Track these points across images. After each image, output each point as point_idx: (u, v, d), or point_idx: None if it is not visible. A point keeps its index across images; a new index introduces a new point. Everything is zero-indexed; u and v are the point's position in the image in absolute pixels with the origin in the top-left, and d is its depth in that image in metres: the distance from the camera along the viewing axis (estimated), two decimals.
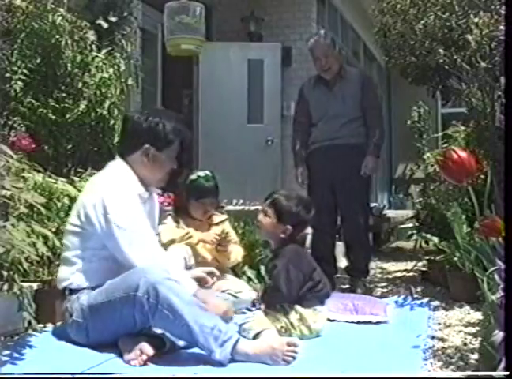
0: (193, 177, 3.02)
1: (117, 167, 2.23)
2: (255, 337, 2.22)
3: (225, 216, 3.11)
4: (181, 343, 2.04)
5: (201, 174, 3.05)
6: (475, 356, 2.06)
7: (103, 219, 2.07)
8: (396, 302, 3.11)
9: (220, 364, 1.90)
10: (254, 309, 2.71)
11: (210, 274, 2.34)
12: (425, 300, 3.13)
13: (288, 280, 2.37)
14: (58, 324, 2.34)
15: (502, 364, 1.50)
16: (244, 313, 2.68)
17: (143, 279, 1.97)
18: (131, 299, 1.98)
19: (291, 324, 2.35)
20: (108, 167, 2.27)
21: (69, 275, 2.14)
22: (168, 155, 2.23)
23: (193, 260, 2.84)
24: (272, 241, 2.58)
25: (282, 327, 2.33)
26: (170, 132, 2.21)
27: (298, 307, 2.38)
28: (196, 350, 1.99)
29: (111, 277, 2.10)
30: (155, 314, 1.95)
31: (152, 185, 2.32)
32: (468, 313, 2.81)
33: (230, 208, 4.27)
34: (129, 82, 3.48)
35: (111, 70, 3.31)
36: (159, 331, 2.04)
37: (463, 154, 1.76)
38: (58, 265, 2.25)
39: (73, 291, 2.13)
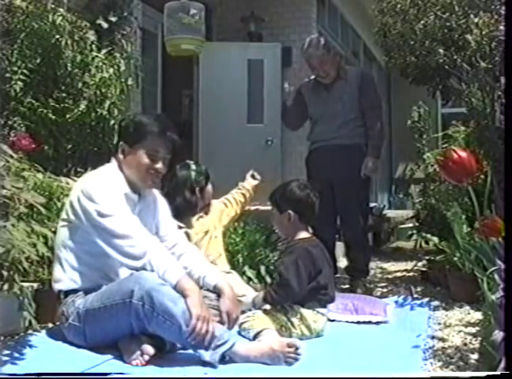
0: (193, 168, 3.06)
1: (106, 167, 2.25)
2: (256, 336, 2.22)
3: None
4: None
5: (192, 163, 3.12)
6: (475, 356, 2.07)
7: (86, 209, 2.06)
8: (396, 302, 3.11)
9: (210, 365, 1.90)
10: (253, 308, 2.71)
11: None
12: (425, 300, 3.13)
13: (298, 276, 2.35)
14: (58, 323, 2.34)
15: (502, 364, 1.50)
16: (244, 312, 2.68)
17: (137, 286, 1.96)
18: (127, 306, 1.97)
19: (292, 323, 2.35)
20: (101, 167, 2.29)
21: (63, 276, 2.14)
22: (139, 150, 2.19)
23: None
24: (289, 236, 2.58)
25: (282, 326, 2.33)
26: (141, 127, 2.18)
27: (298, 307, 2.39)
28: None
29: (100, 274, 2.11)
30: (151, 320, 1.95)
31: (140, 186, 2.25)
32: (468, 313, 2.81)
33: None
34: (129, 82, 3.47)
35: (111, 70, 3.30)
36: None
37: (463, 154, 1.76)
38: None
39: (67, 294, 2.14)
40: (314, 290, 2.41)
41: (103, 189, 2.10)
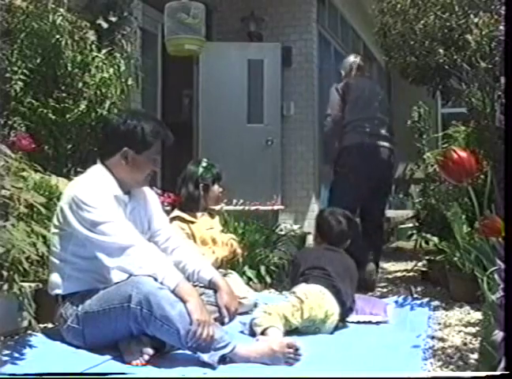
0: (203, 165, 3.09)
1: (95, 170, 2.23)
2: (262, 333, 2.26)
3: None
4: None
5: (204, 160, 3.15)
6: (475, 356, 2.06)
7: (78, 216, 2.06)
8: (396, 302, 3.11)
9: (210, 365, 1.91)
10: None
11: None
12: (425, 300, 3.13)
13: (295, 260, 2.83)
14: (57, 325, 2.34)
15: (502, 364, 1.50)
16: (246, 313, 2.69)
17: (135, 290, 1.96)
18: (125, 310, 1.98)
19: (301, 300, 2.41)
20: (87, 171, 2.27)
21: (59, 280, 2.13)
22: (147, 157, 2.21)
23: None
24: None
25: (294, 306, 2.39)
26: (148, 134, 2.19)
27: (302, 284, 2.52)
28: None
29: (96, 277, 2.12)
30: (149, 324, 1.95)
31: (134, 188, 2.27)
32: (468, 313, 2.81)
33: (230, 208, 4.27)
34: (129, 82, 3.48)
35: (111, 70, 3.30)
36: None
37: (463, 154, 1.76)
38: None
39: (65, 297, 2.13)
40: (308, 269, 2.62)
41: (94, 195, 2.08)
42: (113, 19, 3.76)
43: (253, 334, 2.31)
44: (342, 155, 3.67)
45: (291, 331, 2.38)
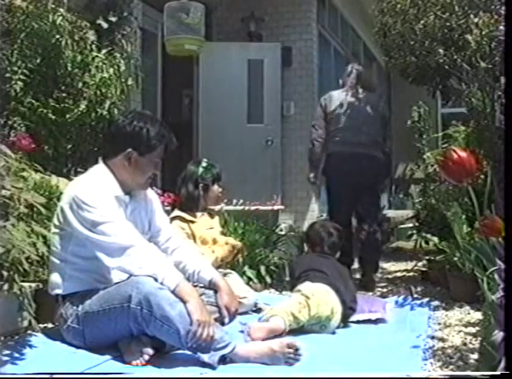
0: (203, 165, 3.09)
1: (96, 170, 2.23)
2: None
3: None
4: None
5: (205, 160, 3.15)
6: (475, 356, 2.06)
7: (78, 216, 2.05)
8: (396, 302, 3.11)
9: (210, 365, 1.91)
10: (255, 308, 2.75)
11: None
12: (425, 300, 3.13)
13: (290, 266, 2.98)
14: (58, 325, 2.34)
15: (502, 364, 1.50)
16: (246, 313, 2.70)
17: (135, 291, 1.96)
18: (125, 310, 1.98)
19: (307, 297, 2.43)
20: (88, 171, 2.27)
21: (59, 280, 2.13)
22: (150, 160, 2.21)
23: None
24: None
25: (300, 303, 2.41)
26: (153, 137, 2.19)
27: (307, 282, 2.54)
28: None
29: (96, 277, 2.12)
30: (149, 324, 1.96)
31: (134, 190, 2.27)
32: (468, 313, 2.81)
33: (230, 208, 4.27)
34: (129, 82, 3.48)
35: (111, 70, 3.31)
36: None
37: (463, 154, 1.76)
38: None
39: (65, 297, 2.13)
40: (305, 272, 2.67)
41: (95, 195, 2.08)
42: (113, 19, 3.76)
43: None
44: (326, 163, 3.83)
45: (295, 329, 2.38)
